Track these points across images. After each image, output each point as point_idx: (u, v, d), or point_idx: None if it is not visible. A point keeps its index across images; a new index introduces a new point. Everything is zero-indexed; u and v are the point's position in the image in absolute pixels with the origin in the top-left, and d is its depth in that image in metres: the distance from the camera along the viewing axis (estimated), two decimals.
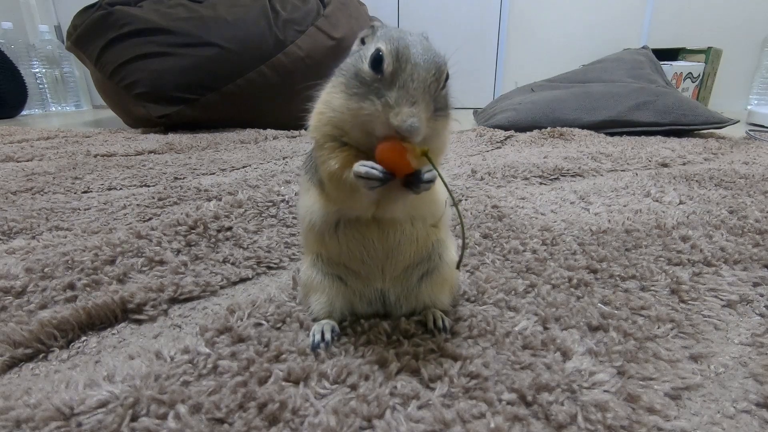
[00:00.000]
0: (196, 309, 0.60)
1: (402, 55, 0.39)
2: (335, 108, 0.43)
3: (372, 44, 0.42)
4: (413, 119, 0.38)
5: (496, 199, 1.05)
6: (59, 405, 0.39)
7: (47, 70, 3.36)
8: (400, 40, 0.40)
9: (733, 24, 3.02)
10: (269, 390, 0.42)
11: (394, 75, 0.39)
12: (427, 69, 0.40)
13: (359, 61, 0.42)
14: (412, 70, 0.39)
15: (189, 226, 0.81)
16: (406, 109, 0.38)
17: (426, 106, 0.40)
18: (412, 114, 0.38)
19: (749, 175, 1.23)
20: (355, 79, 0.41)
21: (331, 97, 0.44)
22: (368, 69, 0.40)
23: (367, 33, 0.46)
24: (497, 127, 2.19)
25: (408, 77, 0.39)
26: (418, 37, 0.43)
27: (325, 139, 0.44)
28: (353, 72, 0.42)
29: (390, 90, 0.39)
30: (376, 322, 0.53)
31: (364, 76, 0.41)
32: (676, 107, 2.00)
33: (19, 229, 0.85)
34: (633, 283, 0.64)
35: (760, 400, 0.42)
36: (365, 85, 0.41)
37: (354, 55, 0.44)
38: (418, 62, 0.39)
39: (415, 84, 0.39)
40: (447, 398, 0.42)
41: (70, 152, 1.60)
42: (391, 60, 0.39)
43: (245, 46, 2.05)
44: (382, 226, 0.48)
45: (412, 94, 0.39)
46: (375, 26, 0.45)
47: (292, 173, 1.28)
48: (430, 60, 0.40)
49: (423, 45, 0.41)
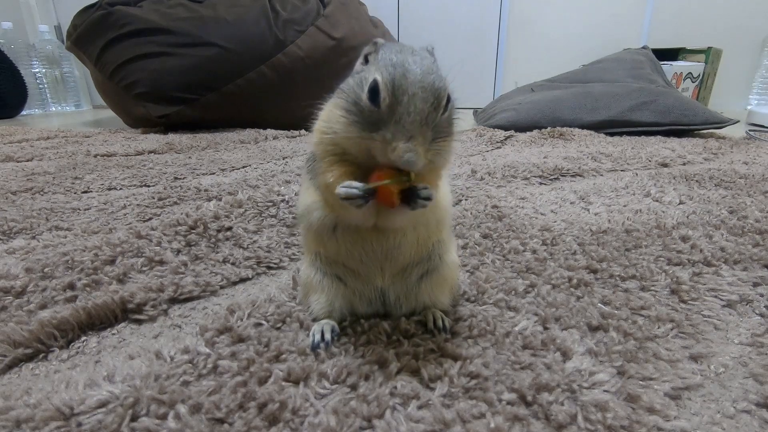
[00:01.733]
0: (196, 309, 0.60)
1: (398, 86, 0.39)
2: (336, 131, 0.43)
3: (372, 68, 0.41)
4: (409, 154, 0.38)
5: (496, 199, 1.05)
6: (59, 405, 0.39)
7: (47, 70, 3.36)
8: (398, 68, 0.39)
9: (733, 24, 3.02)
10: (269, 390, 0.42)
11: (390, 108, 0.39)
12: (424, 99, 0.39)
13: (359, 87, 0.41)
14: (408, 102, 0.38)
15: (189, 226, 0.81)
16: (402, 145, 0.38)
17: (424, 138, 0.39)
18: (409, 149, 0.38)
19: (749, 175, 1.23)
20: (354, 106, 0.41)
21: (332, 116, 0.43)
22: (366, 100, 0.40)
23: (371, 50, 0.45)
24: (497, 127, 2.19)
25: (404, 111, 0.38)
26: (420, 58, 0.41)
27: (326, 154, 0.45)
28: (353, 99, 0.41)
29: (387, 124, 0.39)
30: (376, 322, 0.53)
31: (362, 106, 0.40)
32: (676, 107, 2.01)
33: (19, 229, 0.85)
34: (633, 283, 0.64)
35: (760, 400, 0.42)
36: (364, 115, 0.40)
37: (356, 77, 0.43)
38: (416, 92, 0.39)
39: (412, 117, 0.38)
40: (447, 398, 0.42)
41: (70, 152, 1.60)
42: (387, 93, 0.39)
43: (245, 46, 2.05)
44: (382, 229, 0.48)
45: (409, 129, 0.38)
46: (378, 43, 0.44)
47: (292, 173, 1.28)
48: (428, 88, 0.39)
49: (423, 69, 0.40)
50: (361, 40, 2.29)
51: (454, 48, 3.48)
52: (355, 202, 0.41)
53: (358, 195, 0.40)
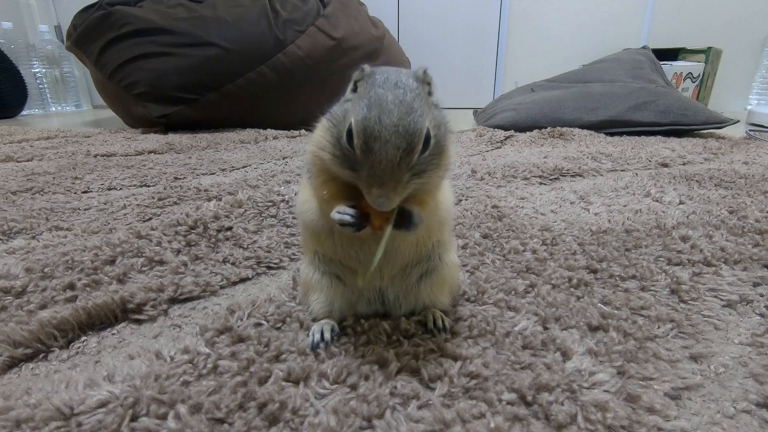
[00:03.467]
0: (196, 309, 0.60)
1: (370, 133, 0.38)
2: (325, 158, 0.43)
3: (355, 104, 0.41)
4: (381, 200, 0.39)
5: (496, 199, 1.05)
6: (59, 405, 0.39)
7: (47, 70, 3.37)
8: (373, 111, 0.39)
9: (733, 24, 3.02)
10: (269, 390, 0.42)
11: (364, 153, 0.39)
12: (396, 145, 0.38)
13: (341, 123, 0.41)
14: (380, 149, 0.38)
15: (189, 226, 0.81)
16: (375, 191, 0.39)
17: (395, 183, 0.39)
18: (380, 195, 0.39)
19: (749, 175, 1.23)
20: (337, 142, 0.41)
21: (322, 142, 0.44)
22: (345, 141, 0.40)
23: (358, 77, 0.44)
24: (497, 127, 2.19)
25: (375, 159, 0.38)
26: (402, 93, 0.40)
27: (319, 172, 0.46)
28: (336, 135, 0.42)
29: (362, 168, 0.40)
30: (376, 322, 0.53)
31: (342, 145, 0.41)
32: (676, 107, 2.01)
33: (19, 229, 0.85)
34: (633, 283, 0.64)
35: (760, 400, 0.42)
36: (345, 154, 0.41)
37: (342, 107, 0.43)
38: (388, 139, 0.38)
39: (383, 165, 0.38)
40: (447, 398, 0.42)
41: (70, 152, 1.60)
42: (359, 140, 0.39)
43: (245, 46, 2.05)
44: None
45: (380, 176, 0.39)
46: (365, 71, 0.43)
47: (292, 173, 1.28)
48: (401, 133, 0.38)
49: (400, 111, 0.39)
50: (361, 40, 2.29)
51: (454, 48, 3.48)
52: (349, 229, 0.43)
53: (351, 222, 0.42)
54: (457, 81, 3.52)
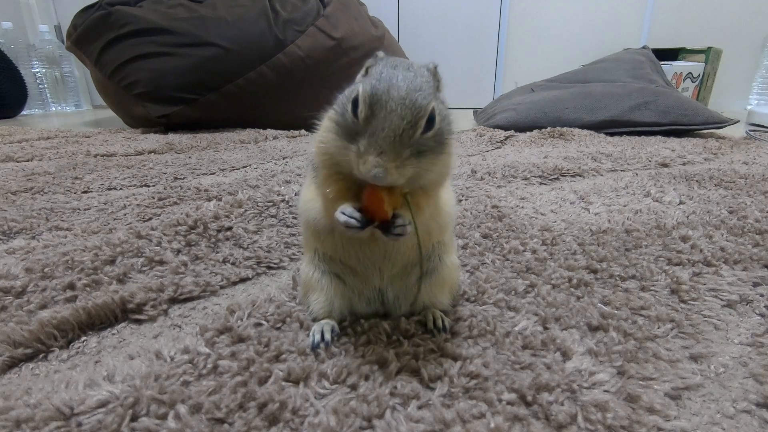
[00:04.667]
0: (196, 309, 0.60)
1: (377, 100, 0.38)
2: (328, 141, 0.43)
3: (366, 80, 0.41)
4: (377, 169, 0.38)
5: (496, 199, 1.05)
6: (59, 405, 0.39)
7: (47, 70, 3.37)
8: (382, 82, 0.39)
9: (733, 24, 3.02)
10: (269, 390, 0.42)
11: (367, 121, 0.39)
12: (401, 116, 0.38)
13: (348, 98, 0.41)
14: (384, 117, 0.38)
15: (189, 226, 0.81)
16: (371, 159, 0.38)
17: (395, 154, 0.38)
18: (377, 164, 0.38)
19: (749, 175, 1.23)
20: (342, 117, 0.41)
21: (327, 126, 0.44)
22: (350, 111, 0.40)
23: (371, 63, 0.45)
24: (497, 127, 2.19)
25: (379, 125, 0.38)
26: (412, 75, 0.41)
27: (323, 166, 0.46)
28: (342, 109, 0.42)
29: (362, 136, 0.39)
30: (376, 322, 0.53)
31: (347, 117, 0.40)
32: (676, 107, 2.01)
33: (19, 229, 0.85)
34: (633, 283, 0.64)
35: (760, 400, 0.42)
36: (347, 126, 0.40)
37: (350, 88, 0.43)
38: (393, 108, 0.38)
39: (385, 132, 0.38)
40: (447, 398, 0.42)
41: (70, 152, 1.60)
42: (364, 106, 0.39)
43: (245, 46, 2.05)
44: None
45: (380, 144, 0.38)
46: (378, 57, 0.44)
47: (292, 173, 1.28)
48: (408, 105, 0.39)
49: (409, 86, 0.39)
50: (361, 40, 2.29)
51: (454, 48, 3.48)
52: (353, 231, 0.42)
53: (356, 226, 0.42)
54: (457, 81, 3.51)
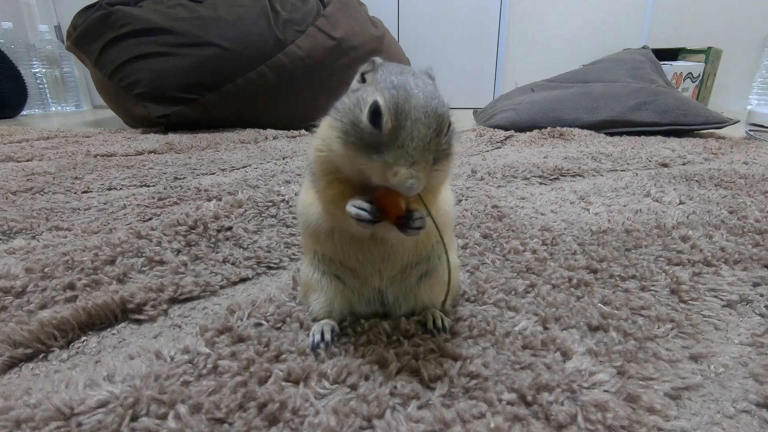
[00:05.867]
0: (196, 309, 0.60)
1: (401, 110, 0.38)
2: (333, 150, 0.42)
3: (371, 89, 0.40)
4: (412, 181, 0.37)
5: (496, 199, 1.05)
6: (59, 405, 0.39)
7: (47, 70, 3.37)
8: (400, 91, 0.38)
9: (733, 24, 3.02)
10: (269, 390, 0.42)
11: (393, 133, 0.38)
12: (427, 125, 0.38)
13: (357, 107, 0.40)
14: (411, 127, 0.37)
15: (189, 226, 0.81)
16: (404, 171, 0.37)
17: (426, 163, 0.38)
18: (411, 175, 0.37)
19: (749, 175, 1.22)
20: (352, 127, 0.40)
21: (328, 136, 0.42)
22: (366, 123, 0.39)
23: (367, 69, 0.44)
24: (497, 127, 2.19)
25: (407, 136, 0.37)
26: (422, 82, 0.40)
27: (323, 173, 0.45)
28: (350, 119, 0.40)
29: (389, 148, 0.38)
30: (376, 322, 0.53)
31: (362, 128, 0.39)
32: (676, 107, 2.00)
33: (19, 229, 0.85)
34: (633, 283, 0.64)
35: (760, 400, 0.42)
36: (363, 137, 0.39)
37: (352, 96, 0.42)
38: (419, 117, 0.38)
39: (415, 143, 0.37)
40: (447, 398, 0.42)
41: (70, 152, 1.60)
42: (389, 117, 0.38)
43: (245, 46, 2.05)
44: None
45: (411, 154, 0.37)
46: (375, 63, 0.43)
47: (292, 173, 1.28)
48: (431, 114, 0.38)
49: (425, 93, 0.39)
50: (361, 40, 2.29)
51: (454, 48, 3.48)
52: (364, 224, 0.42)
53: (368, 219, 0.41)
54: (457, 81, 3.51)
